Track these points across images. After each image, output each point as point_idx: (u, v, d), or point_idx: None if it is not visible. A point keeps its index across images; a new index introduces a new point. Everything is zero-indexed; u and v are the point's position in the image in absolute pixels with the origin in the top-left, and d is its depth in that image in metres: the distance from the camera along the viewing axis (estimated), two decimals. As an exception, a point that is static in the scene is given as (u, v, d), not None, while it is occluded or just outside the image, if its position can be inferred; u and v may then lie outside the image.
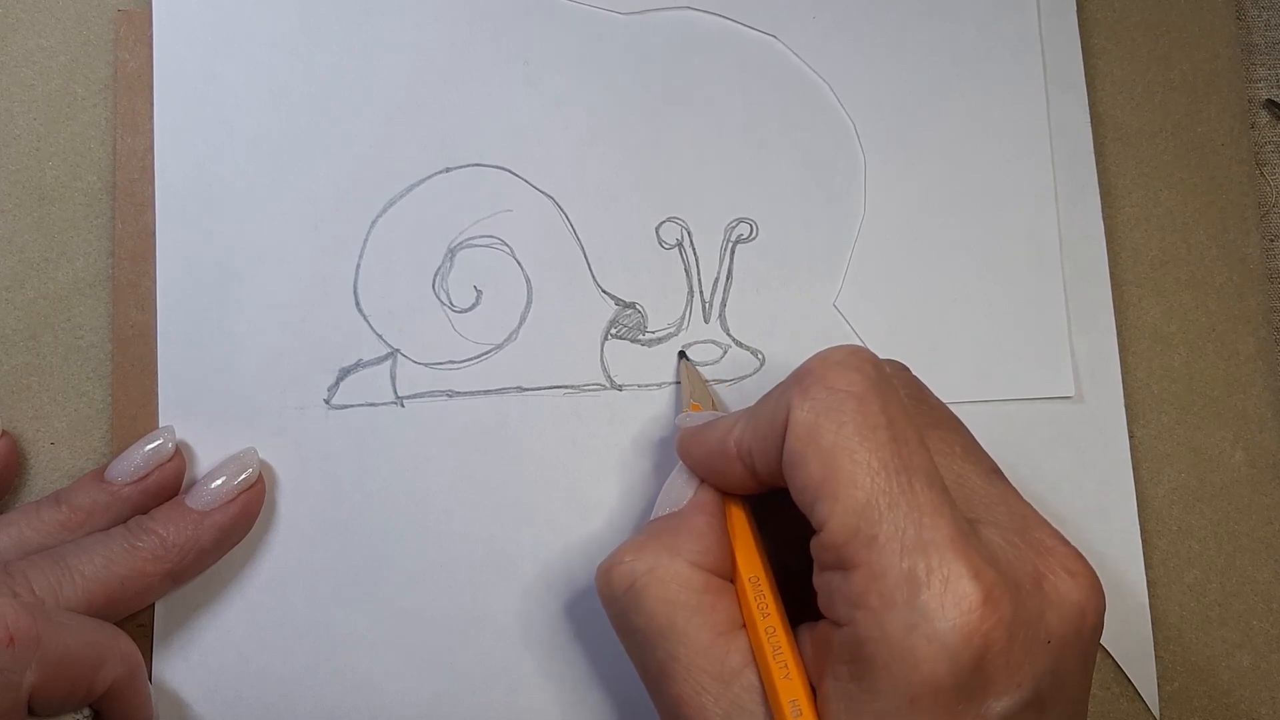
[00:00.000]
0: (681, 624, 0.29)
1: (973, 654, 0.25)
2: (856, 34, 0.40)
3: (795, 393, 0.28)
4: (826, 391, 0.28)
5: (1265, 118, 0.44)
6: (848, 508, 0.27)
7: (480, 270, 0.38)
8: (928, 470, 0.27)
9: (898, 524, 0.26)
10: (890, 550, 0.26)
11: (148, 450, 0.34)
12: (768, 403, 0.30)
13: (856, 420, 0.27)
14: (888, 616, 0.26)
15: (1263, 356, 0.41)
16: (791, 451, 0.28)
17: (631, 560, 0.30)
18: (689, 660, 0.28)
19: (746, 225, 0.39)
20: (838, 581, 0.27)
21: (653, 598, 0.29)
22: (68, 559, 0.31)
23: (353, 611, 0.36)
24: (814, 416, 0.28)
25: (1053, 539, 0.29)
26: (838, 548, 0.27)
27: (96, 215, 0.37)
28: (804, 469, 0.28)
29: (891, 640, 0.25)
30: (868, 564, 0.26)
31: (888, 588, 0.26)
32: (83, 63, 0.38)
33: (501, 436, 0.37)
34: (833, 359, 0.29)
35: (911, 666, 0.25)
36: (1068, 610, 0.27)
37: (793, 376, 0.29)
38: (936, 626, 0.25)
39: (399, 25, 0.38)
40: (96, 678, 0.29)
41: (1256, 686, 0.39)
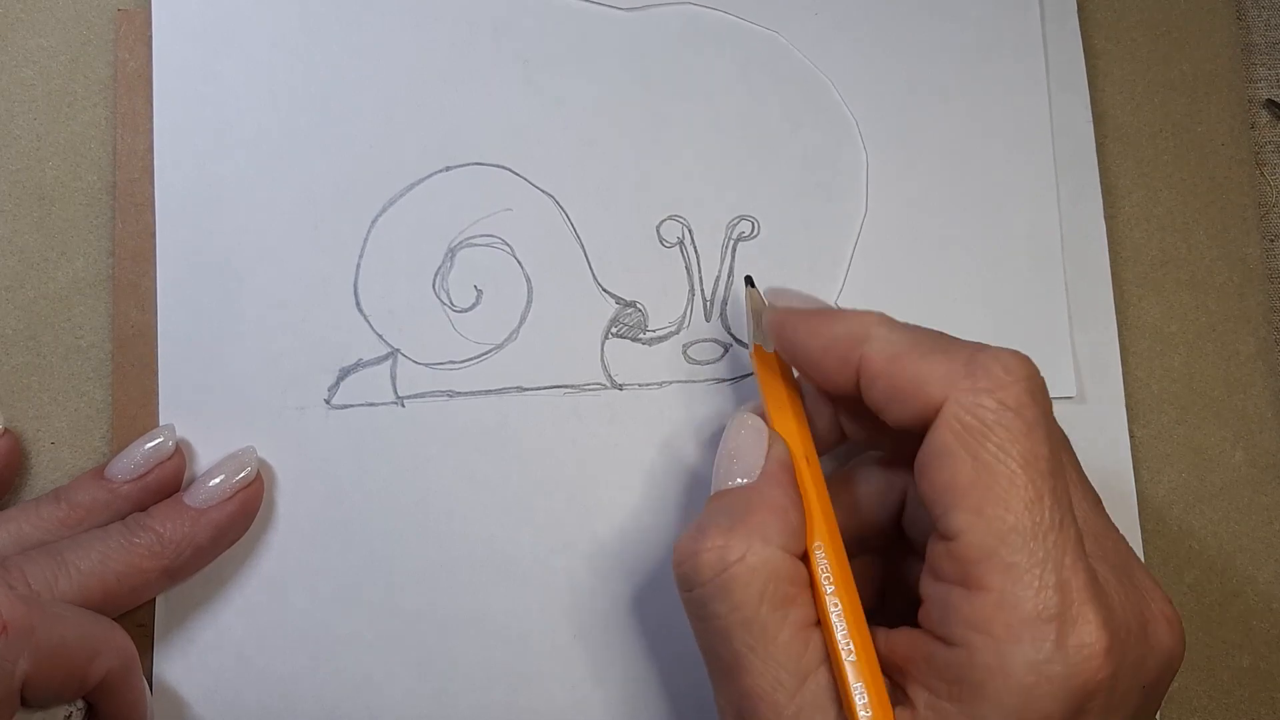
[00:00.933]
0: (765, 617, 0.28)
1: (1085, 698, 0.25)
2: (859, 31, 0.40)
3: (964, 388, 0.27)
4: (998, 404, 0.27)
5: (1265, 118, 0.44)
6: (992, 527, 0.26)
7: (480, 270, 0.38)
8: (1072, 510, 0.27)
9: (1039, 558, 0.26)
10: (1027, 583, 0.26)
11: (148, 448, 0.34)
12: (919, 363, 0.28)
13: (1023, 445, 0.27)
14: (1010, 650, 0.25)
15: (1263, 356, 0.41)
16: (941, 446, 0.27)
17: (721, 547, 0.28)
18: (768, 655, 0.28)
19: (748, 223, 0.39)
20: (958, 598, 0.27)
21: (742, 587, 0.28)
22: (64, 554, 0.31)
23: (353, 611, 0.36)
24: (978, 425, 0.27)
25: (1148, 580, 0.29)
26: (970, 563, 0.26)
27: (96, 215, 0.37)
28: (951, 470, 0.27)
29: (1009, 674, 0.25)
30: (1000, 590, 0.26)
31: (1017, 621, 0.26)
32: (83, 63, 0.38)
33: (501, 436, 0.37)
34: (1005, 365, 0.28)
35: (1025, 703, 0.25)
36: (1163, 658, 0.28)
37: (961, 360, 0.28)
38: (1060, 670, 0.25)
39: (399, 25, 0.38)
40: (90, 669, 0.30)
41: (1256, 686, 0.39)
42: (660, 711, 0.36)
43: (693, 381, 0.38)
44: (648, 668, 0.36)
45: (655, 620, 0.36)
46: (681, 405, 0.37)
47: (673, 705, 0.36)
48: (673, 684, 0.36)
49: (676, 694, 0.36)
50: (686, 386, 0.38)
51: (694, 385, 0.38)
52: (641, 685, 0.36)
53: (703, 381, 0.38)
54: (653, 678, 0.36)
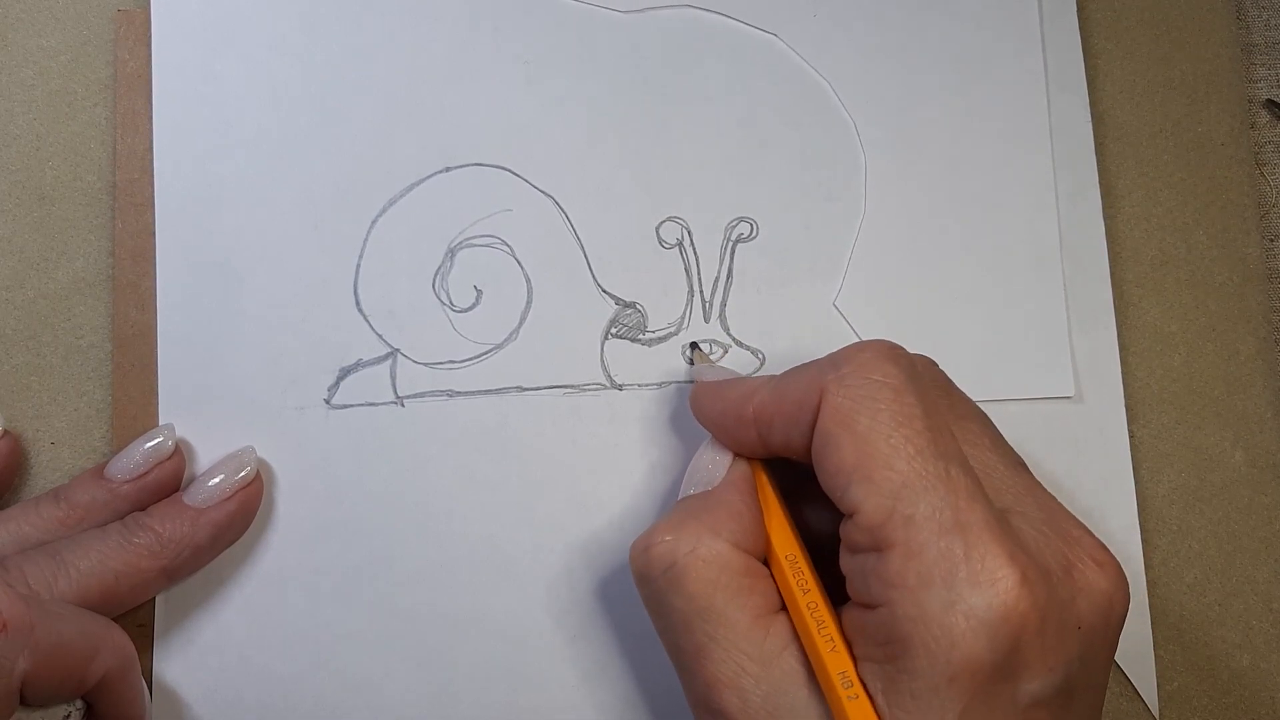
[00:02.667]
0: (721, 606, 0.29)
1: (1010, 634, 0.26)
2: (857, 33, 0.40)
3: (831, 378, 0.29)
4: (863, 380, 0.29)
5: (1265, 118, 0.44)
6: (883, 489, 0.27)
7: (480, 270, 0.38)
8: (961, 458, 0.28)
9: (934, 505, 0.27)
10: (928, 530, 0.26)
11: (147, 448, 0.34)
12: (795, 382, 0.30)
13: (893, 409, 0.28)
14: (925, 595, 0.26)
15: (1263, 356, 0.41)
16: (825, 434, 0.29)
17: (672, 540, 0.30)
18: (729, 643, 0.28)
19: (747, 224, 0.39)
20: (872, 563, 0.27)
21: (693, 579, 0.29)
22: (63, 553, 0.31)
23: (353, 611, 0.36)
24: (850, 403, 0.28)
25: (1078, 529, 0.29)
26: (873, 529, 0.27)
27: (96, 215, 0.37)
28: (837, 452, 0.28)
29: (929, 618, 0.26)
30: (904, 543, 0.27)
31: (925, 566, 0.26)
32: (83, 63, 0.38)
33: (501, 436, 0.37)
34: (868, 350, 0.30)
35: (950, 645, 0.26)
36: (1097, 598, 0.28)
37: (826, 362, 0.30)
38: (974, 604, 0.26)
39: (399, 25, 0.38)
40: (89, 669, 0.30)
41: (1256, 686, 0.39)
42: (660, 711, 0.36)
43: (693, 382, 0.38)
44: (646, 667, 0.36)
45: (655, 620, 0.37)
46: (681, 405, 0.38)
47: (672, 705, 0.36)
48: (672, 684, 0.36)
49: (676, 694, 0.36)
50: (686, 387, 0.38)
51: (694, 385, 0.38)
52: (641, 685, 0.36)
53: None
54: (652, 678, 0.36)
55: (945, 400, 0.31)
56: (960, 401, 0.32)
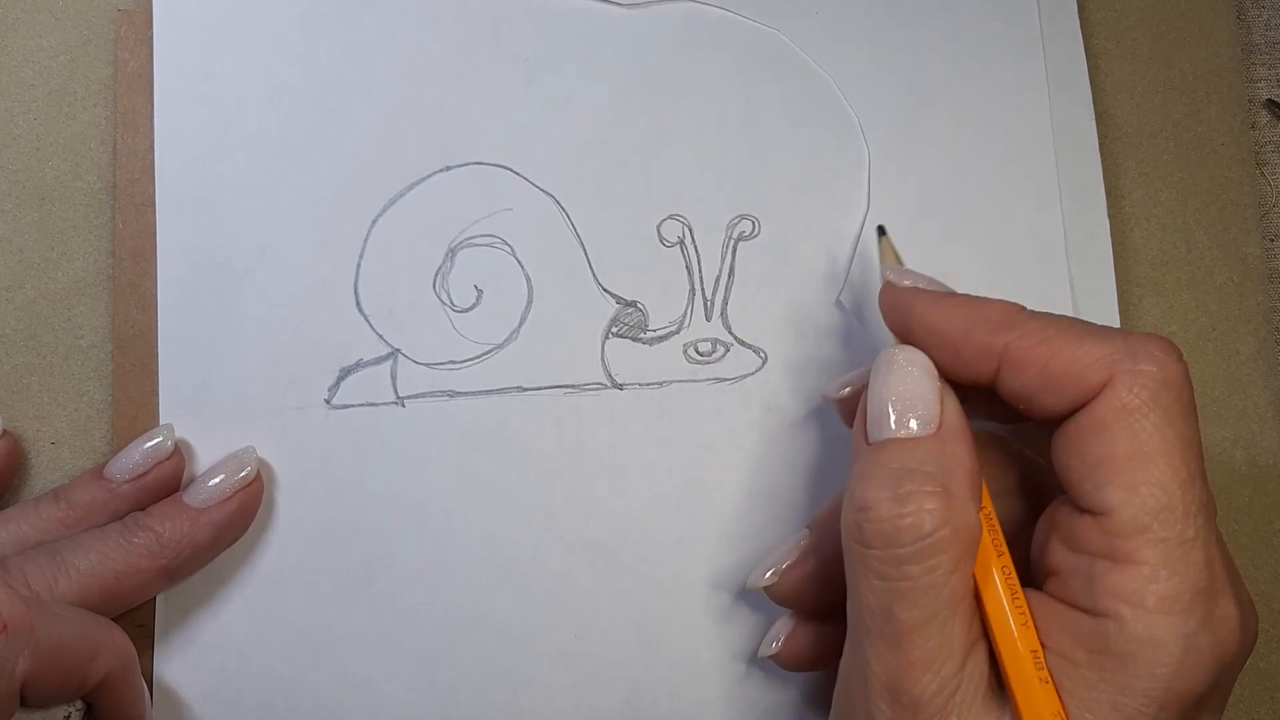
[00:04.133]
0: (959, 586, 0.27)
1: (1226, 672, 0.26)
2: (860, 30, 0.40)
3: (1127, 367, 0.27)
4: (1160, 384, 0.27)
5: (1265, 118, 0.44)
6: (1146, 504, 0.27)
7: (481, 269, 0.38)
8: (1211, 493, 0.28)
9: (1190, 536, 0.26)
10: (1180, 558, 0.26)
11: (147, 448, 0.34)
12: (1077, 344, 0.28)
13: (1180, 426, 0.27)
14: (1163, 621, 0.26)
15: (1263, 356, 0.41)
16: (1099, 422, 0.27)
17: (931, 511, 0.27)
18: (949, 626, 0.27)
19: (749, 222, 0.39)
20: (1103, 570, 0.27)
21: (945, 555, 0.27)
22: (63, 554, 0.31)
23: (353, 611, 0.36)
24: (1140, 403, 0.27)
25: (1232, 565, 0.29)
26: (1121, 538, 0.27)
27: (96, 215, 0.37)
28: (1107, 446, 0.27)
29: (1162, 644, 0.26)
30: (1154, 565, 0.26)
31: (1170, 594, 0.26)
32: (83, 63, 0.38)
33: (501, 436, 0.37)
34: (1166, 351, 0.28)
35: (1176, 674, 0.26)
36: (1250, 640, 0.28)
37: (1119, 343, 0.28)
38: (1209, 642, 0.26)
39: (399, 25, 0.38)
40: (90, 669, 0.29)
41: (1256, 686, 0.39)
42: (660, 712, 0.36)
43: (693, 381, 0.38)
44: (647, 668, 0.36)
45: (655, 620, 0.36)
46: (682, 405, 0.37)
47: (671, 705, 0.36)
48: (672, 684, 0.36)
49: (676, 694, 0.36)
50: (687, 386, 0.38)
51: (694, 385, 0.38)
52: (641, 685, 0.36)
53: (703, 381, 0.38)
54: (651, 678, 0.36)
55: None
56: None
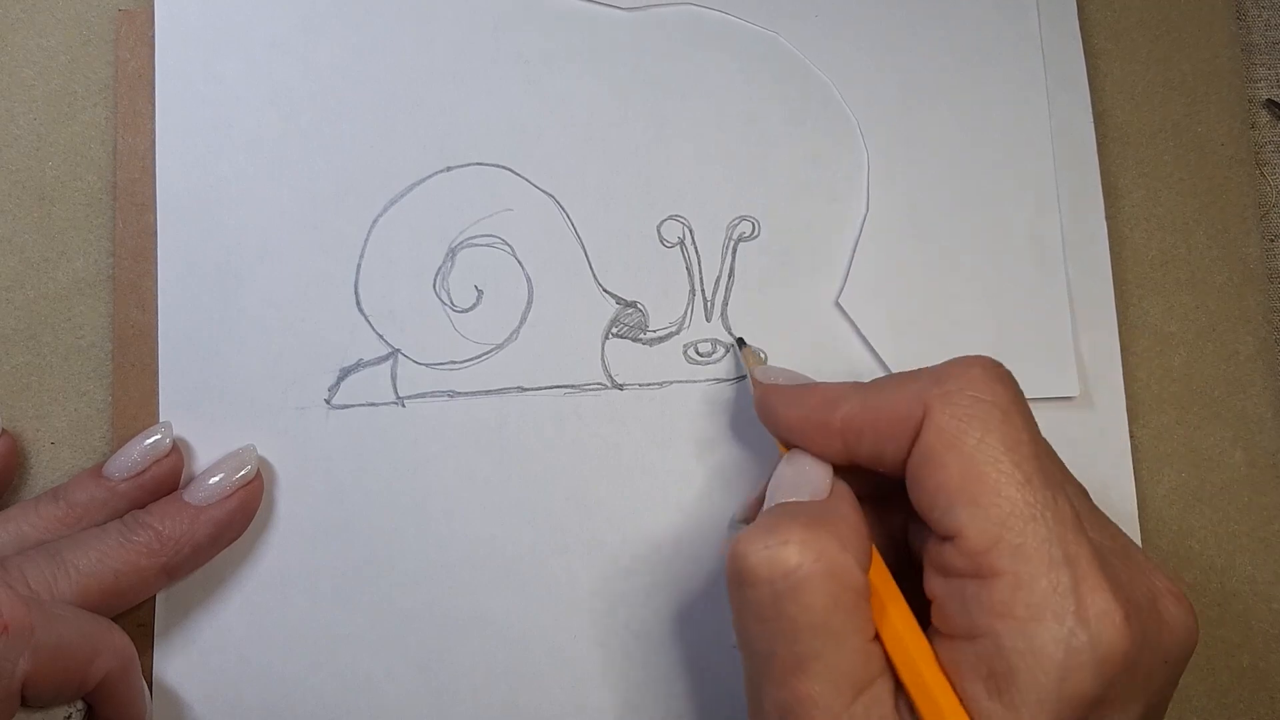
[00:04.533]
0: (838, 624, 0.27)
1: (1114, 669, 0.26)
2: (859, 31, 0.40)
3: (936, 395, 0.28)
4: (971, 399, 0.28)
5: (1265, 118, 0.44)
6: (990, 516, 0.27)
7: (481, 270, 0.38)
8: (1066, 488, 0.28)
9: (1043, 536, 0.26)
10: (1038, 561, 0.26)
11: (145, 445, 0.34)
12: (894, 394, 0.30)
13: (1001, 431, 0.27)
14: (1035, 628, 0.26)
15: (1263, 356, 0.41)
16: (928, 452, 0.28)
17: (799, 545, 0.27)
18: (834, 662, 0.27)
19: (748, 223, 0.39)
20: (973, 590, 0.27)
21: (816, 591, 0.27)
22: (63, 553, 0.31)
23: (353, 611, 0.36)
24: (957, 422, 0.28)
25: (1148, 561, 0.29)
26: (976, 555, 0.27)
27: (96, 215, 0.37)
28: (941, 473, 0.28)
29: (1038, 652, 0.26)
30: (1013, 573, 0.26)
31: (1035, 599, 0.26)
32: (83, 63, 0.38)
33: (501, 436, 0.37)
34: (974, 367, 0.29)
35: (1060, 679, 0.25)
36: (1179, 633, 0.28)
37: (927, 377, 0.29)
38: (1085, 641, 0.26)
39: (399, 25, 0.38)
40: (90, 670, 0.30)
41: (1256, 686, 0.39)
42: (659, 712, 0.36)
43: (693, 381, 0.38)
44: (647, 668, 0.36)
45: (655, 621, 0.36)
46: (682, 405, 0.38)
47: (671, 706, 0.36)
48: (672, 684, 0.36)
49: (676, 694, 0.36)
50: (687, 387, 0.38)
51: (694, 385, 0.38)
52: (641, 686, 0.36)
53: (703, 382, 0.38)
54: (652, 678, 0.36)
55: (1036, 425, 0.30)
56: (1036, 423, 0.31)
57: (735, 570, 0.28)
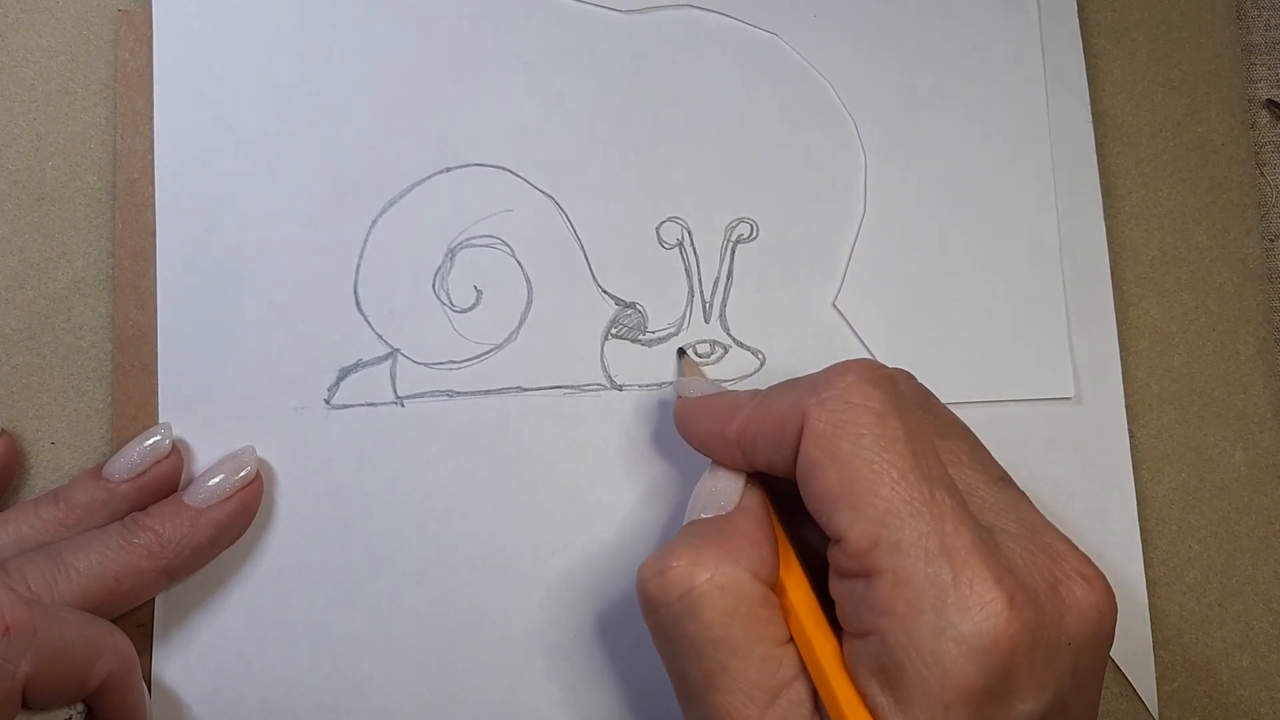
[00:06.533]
0: (737, 636, 0.28)
1: (1000, 657, 0.26)
2: (858, 33, 0.40)
3: (812, 403, 0.29)
4: (844, 404, 0.28)
5: (1265, 118, 0.44)
6: (869, 516, 0.27)
7: (480, 270, 0.38)
8: (946, 481, 0.28)
9: (920, 531, 0.27)
10: (914, 556, 0.26)
11: (145, 447, 0.34)
12: (778, 402, 0.30)
13: (875, 433, 0.28)
14: (915, 622, 0.26)
15: (1263, 356, 0.41)
16: (808, 460, 0.28)
17: (688, 565, 0.29)
18: (741, 673, 0.28)
19: (747, 225, 0.39)
20: (861, 589, 0.27)
21: (711, 607, 0.28)
22: (63, 555, 0.31)
23: (353, 611, 0.36)
24: (831, 428, 0.28)
25: (1063, 544, 0.29)
26: (860, 555, 0.27)
27: (96, 215, 0.37)
28: (821, 479, 0.28)
29: (920, 645, 0.26)
30: (892, 570, 0.26)
31: (914, 593, 0.26)
32: (83, 63, 0.38)
33: (501, 436, 0.37)
34: (849, 372, 0.29)
35: (942, 672, 0.25)
36: (1085, 614, 0.28)
37: (806, 385, 0.30)
38: (964, 630, 0.26)
39: (399, 25, 0.38)
40: (91, 672, 0.30)
41: (1256, 686, 0.39)
42: (658, 712, 0.36)
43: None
44: (646, 668, 0.36)
45: (655, 620, 0.37)
46: (681, 405, 0.38)
47: (671, 706, 0.36)
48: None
49: (676, 694, 0.36)
50: (686, 387, 0.38)
51: (694, 386, 0.38)
52: (640, 686, 0.36)
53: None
54: (651, 678, 0.36)
55: (926, 417, 0.31)
56: (940, 416, 0.32)
57: (640, 597, 0.30)
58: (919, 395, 0.32)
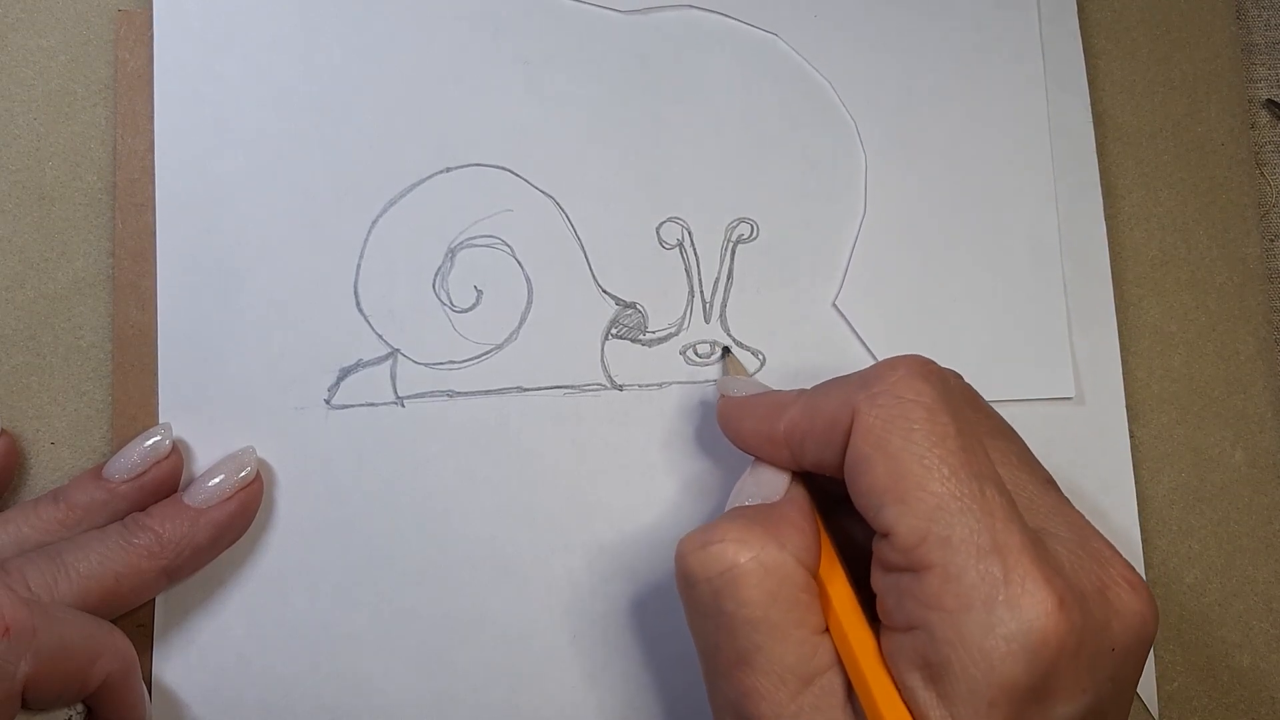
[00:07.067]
0: (776, 618, 0.28)
1: (1049, 657, 0.26)
2: (858, 33, 0.40)
3: (862, 398, 0.29)
4: (895, 399, 0.28)
5: (1265, 118, 0.44)
6: (918, 511, 0.27)
7: (480, 270, 0.38)
8: (996, 479, 0.28)
9: (971, 527, 0.26)
10: (965, 552, 0.26)
11: (145, 447, 0.34)
12: (827, 399, 0.30)
13: (926, 428, 0.28)
14: (965, 618, 0.26)
15: (1263, 356, 0.41)
16: (857, 455, 0.28)
17: (735, 542, 0.29)
18: (777, 655, 0.28)
19: (747, 225, 0.39)
20: (908, 583, 0.27)
21: (753, 586, 0.28)
22: (63, 555, 0.31)
23: (353, 611, 0.36)
24: (882, 423, 0.28)
25: (1109, 550, 0.29)
26: (908, 550, 0.27)
27: (96, 215, 0.37)
28: (870, 473, 0.28)
29: (968, 642, 0.26)
30: (941, 566, 0.26)
31: (964, 589, 0.26)
32: (83, 63, 0.38)
33: (501, 436, 0.37)
34: (900, 367, 0.29)
35: (989, 669, 0.25)
36: (1131, 620, 0.28)
37: (856, 381, 0.30)
38: (1013, 628, 0.26)
39: (399, 25, 0.38)
40: (91, 672, 0.30)
41: (1256, 686, 0.39)
42: (658, 712, 0.36)
43: (692, 382, 0.38)
44: (646, 668, 0.36)
45: (654, 621, 0.37)
46: (681, 406, 0.38)
47: (670, 706, 0.36)
48: (671, 685, 0.36)
49: (675, 695, 0.36)
50: (686, 387, 0.38)
51: (694, 386, 0.38)
52: (640, 686, 0.36)
53: (703, 382, 0.38)
54: (651, 678, 0.36)
55: (976, 416, 0.31)
56: (989, 417, 0.32)
57: (678, 570, 0.30)
58: (968, 394, 0.32)
